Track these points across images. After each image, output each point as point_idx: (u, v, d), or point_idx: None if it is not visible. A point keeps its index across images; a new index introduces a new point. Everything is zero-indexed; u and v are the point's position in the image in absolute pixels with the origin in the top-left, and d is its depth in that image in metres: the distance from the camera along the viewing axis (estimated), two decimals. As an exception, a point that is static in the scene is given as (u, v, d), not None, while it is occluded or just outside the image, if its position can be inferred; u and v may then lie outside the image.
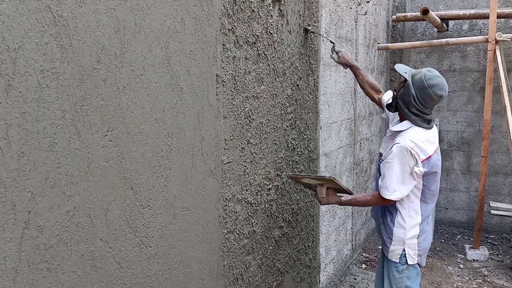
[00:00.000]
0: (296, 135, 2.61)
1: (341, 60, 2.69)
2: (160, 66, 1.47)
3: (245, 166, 2.05)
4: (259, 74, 2.12)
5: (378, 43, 4.74)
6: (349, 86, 3.79)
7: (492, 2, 4.24)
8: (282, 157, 2.43)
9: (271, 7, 2.18)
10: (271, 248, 2.37)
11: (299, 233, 2.75)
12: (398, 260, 2.22)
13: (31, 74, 1.05)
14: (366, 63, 4.32)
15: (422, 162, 2.10)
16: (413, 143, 2.08)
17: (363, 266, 4.17)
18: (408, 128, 2.15)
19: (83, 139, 1.21)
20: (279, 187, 2.42)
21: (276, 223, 2.42)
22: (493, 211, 4.50)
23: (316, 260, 3.11)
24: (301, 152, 2.70)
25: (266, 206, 2.29)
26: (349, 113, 3.82)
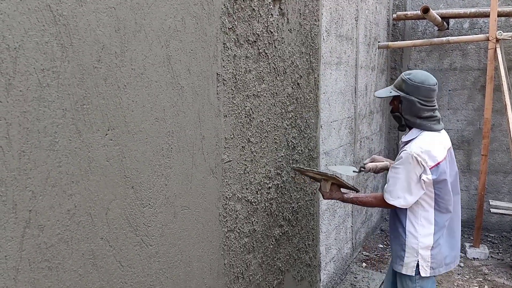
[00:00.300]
0: (297, 134, 2.61)
1: (372, 171, 2.48)
2: (161, 65, 1.47)
3: (246, 165, 2.06)
4: (260, 73, 2.12)
5: (379, 42, 4.74)
6: (350, 85, 3.78)
7: (493, 1, 4.23)
8: (283, 156, 2.43)
9: (272, 6, 2.18)
10: (272, 247, 2.38)
11: (299, 232, 2.75)
12: (414, 273, 2.14)
13: (32, 73, 1.05)
14: (367, 62, 4.32)
15: (431, 169, 2.04)
16: (421, 150, 2.04)
17: (364, 265, 4.17)
18: (418, 135, 2.13)
19: (84, 138, 1.21)
20: (279, 186, 2.43)
21: (276, 222, 2.42)
22: (493, 210, 4.50)
23: (317, 259, 3.12)
24: (302, 151, 2.70)
25: (266, 205, 2.29)
26: (350, 112, 3.82)
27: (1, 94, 0.99)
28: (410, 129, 2.21)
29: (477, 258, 4.40)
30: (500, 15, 4.45)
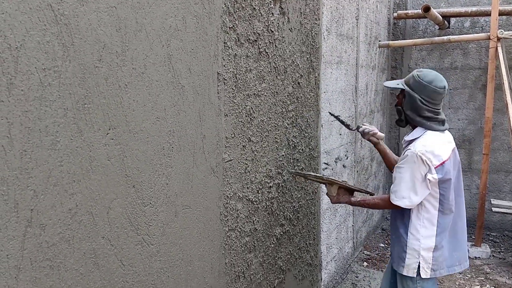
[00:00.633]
0: (297, 133, 2.61)
1: (368, 138, 2.46)
2: (162, 64, 1.48)
3: (246, 164, 2.06)
4: (260, 72, 2.12)
5: (379, 41, 4.74)
6: (350, 84, 3.78)
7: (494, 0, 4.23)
8: (283, 155, 2.43)
9: (272, 5, 2.18)
10: (273, 246, 2.38)
11: (300, 231, 2.75)
12: (416, 275, 2.13)
13: (33, 73, 1.06)
14: (367, 61, 4.31)
15: (436, 168, 2.03)
16: (425, 149, 2.02)
17: (365, 264, 4.17)
18: (422, 135, 2.11)
19: (85, 137, 1.21)
20: (280, 185, 2.43)
21: (277, 221, 2.42)
22: (495, 209, 4.50)
23: (318, 258, 3.12)
24: (302, 150, 2.70)
25: (267, 204, 2.29)
26: (350, 111, 3.82)
27: (3, 94, 0.99)
28: (413, 128, 2.20)
29: (479, 257, 4.39)
30: (501, 14, 4.44)
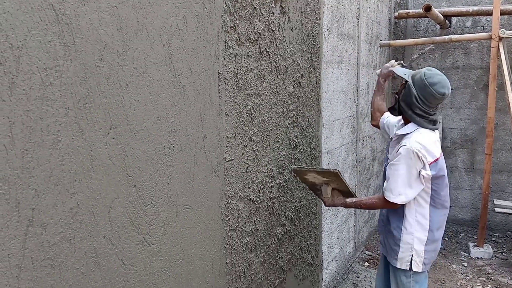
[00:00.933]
0: (298, 133, 2.61)
1: (383, 76, 2.57)
2: (162, 64, 1.48)
3: (247, 164, 2.06)
4: (261, 72, 2.12)
5: (380, 40, 4.73)
6: (351, 84, 3.78)
7: (496, -1, 4.22)
8: (284, 155, 2.43)
9: (273, 5, 2.18)
10: (274, 246, 2.38)
11: (302, 231, 2.75)
12: (409, 268, 2.17)
13: (35, 72, 1.06)
14: (368, 60, 4.31)
15: (430, 165, 2.05)
16: (420, 145, 2.04)
17: (366, 264, 4.17)
18: (414, 130, 2.11)
19: (86, 137, 1.21)
20: (282, 185, 2.43)
21: (279, 221, 2.42)
22: (497, 209, 4.48)
23: (319, 258, 3.11)
24: (303, 150, 2.70)
25: (269, 204, 2.29)
26: (351, 111, 3.81)
27: (4, 93, 1.00)
28: (405, 122, 2.21)
29: (481, 258, 4.38)
30: (503, 13, 4.43)
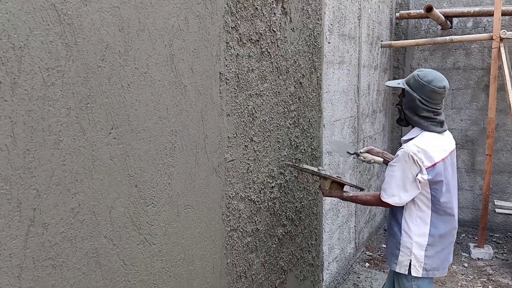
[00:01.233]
0: (299, 133, 2.61)
1: (370, 159, 2.48)
2: (164, 64, 1.48)
3: (248, 164, 2.06)
4: (262, 72, 2.12)
5: (382, 41, 4.73)
6: (352, 84, 3.78)
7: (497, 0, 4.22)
8: (285, 155, 2.43)
9: (274, 5, 2.18)
10: (274, 246, 2.38)
11: (302, 231, 2.75)
12: (407, 272, 2.14)
13: (37, 72, 1.06)
14: (369, 61, 4.31)
15: (427, 169, 2.02)
16: (418, 149, 2.02)
17: (367, 265, 4.17)
18: (418, 135, 2.11)
19: (88, 137, 1.21)
20: (282, 185, 2.43)
21: (279, 221, 2.42)
22: (498, 210, 4.48)
23: (319, 259, 3.11)
24: (304, 150, 2.70)
25: (269, 204, 2.29)
26: (352, 111, 3.81)
27: (6, 93, 1.00)
28: (412, 127, 2.20)
29: (482, 259, 4.38)
30: (504, 14, 4.43)
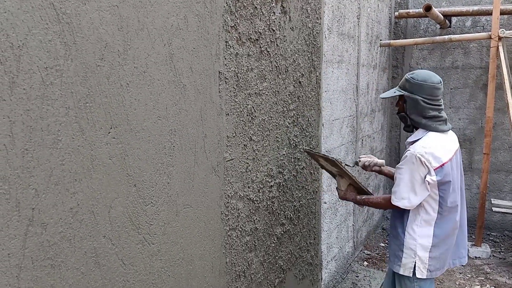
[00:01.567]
0: (298, 132, 2.61)
1: (370, 169, 2.52)
2: (163, 63, 1.47)
3: (247, 163, 2.06)
4: (262, 71, 2.12)
5: (381, 40, 4.73)
6: (351, 83, 3.78)
7: (495, -1, 4.22)
8: (284, 154, 2.43)
9: (274, 4, 2.18)
10: (273, 245, 2.38)
11: (301, 231, 2.75)
12: (412, 274, 2.13)
13: (35, 72, 1.05)
14: (369, 60, 4.31)
15: (436, 170, 2.02)
16: (424, 150, 2.02)
17: (365, 264, 4.17)
18: (424, 136, 2.11)
19: (87, 136, 1.21)
20: (281, 184, 2.43)
21: (278, 221, 2.42)
22: (495, 209, 4.49)
23: (318, 258, 3.12)
24: (303, 149, 2.70)
25: (268, 203, 2.29)
26: (351, 110, 3.81)
27: (5, 92, 0.99)
28: (416, 130, 2.20)
29: (479, 257, 4.39)
30: (503, 13, 4.44)
